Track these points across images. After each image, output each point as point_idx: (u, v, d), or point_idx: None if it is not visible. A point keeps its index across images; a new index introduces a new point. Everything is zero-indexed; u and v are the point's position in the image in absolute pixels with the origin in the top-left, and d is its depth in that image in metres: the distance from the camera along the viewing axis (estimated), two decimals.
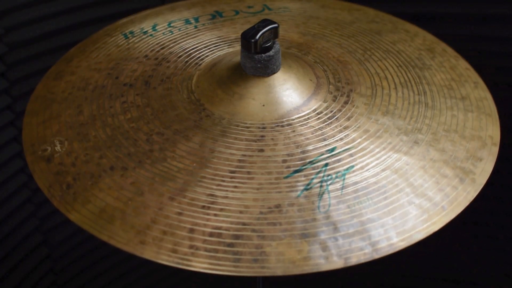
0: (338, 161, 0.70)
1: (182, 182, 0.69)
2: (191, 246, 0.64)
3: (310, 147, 0.72)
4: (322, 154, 0.71)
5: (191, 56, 0.85)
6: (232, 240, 0.64)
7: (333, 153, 0.71)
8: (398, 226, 0.67)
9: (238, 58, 0.78)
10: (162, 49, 0.87)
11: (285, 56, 0.79)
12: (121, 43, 0.89)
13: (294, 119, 0.74)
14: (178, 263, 0.64)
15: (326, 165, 0.70)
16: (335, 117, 0.75)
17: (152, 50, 0.87)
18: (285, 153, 0.71)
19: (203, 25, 0.91)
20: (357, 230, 0.66)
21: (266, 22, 0.74)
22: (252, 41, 0.73)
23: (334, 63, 0.83)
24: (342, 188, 0.68)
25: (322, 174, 0.69)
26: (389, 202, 0.68)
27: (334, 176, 0.69)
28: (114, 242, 0.66)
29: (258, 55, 0.75)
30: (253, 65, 0.76)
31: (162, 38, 0.89)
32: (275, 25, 0.74)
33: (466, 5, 1.20)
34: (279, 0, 0.99)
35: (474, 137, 0.77)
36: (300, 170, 0.69)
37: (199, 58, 0.84)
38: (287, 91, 0.76)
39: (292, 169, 0.69)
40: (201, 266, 0.63)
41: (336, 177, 0.69)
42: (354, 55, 0.86)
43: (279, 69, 0.77)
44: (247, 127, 0.73)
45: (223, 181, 0.68)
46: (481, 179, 0.73)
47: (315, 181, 0.69)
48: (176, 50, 0.86)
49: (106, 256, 1.41)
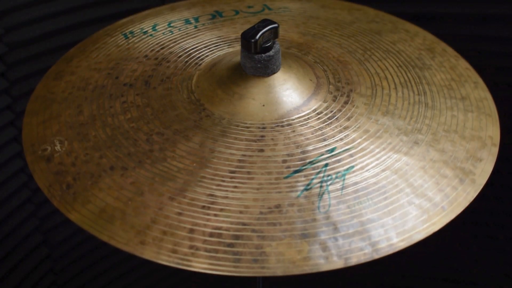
0: (338, 161, 0.70)
1: (182, 182, 0.69)
2: (191, 246, 0.64)
3: (310, 147, 0.71)
4: (322, 154, 0.71)
5: (191, 56, 0.85)
6: (232, 240, 0.64)
7: (333, 153, 0.71)
8: (398, 227, 0.67)
9: (238, 58, 0.78)
10: (162, 49, 0.87)
11: (285, 56, 0.79)
12: (121, 43, 0.89)
13: (294, 119, 0.74)
14: (178, 263, 0.64)
15: (326, 165, 0.70)
16: (335, 117, 0.75)
17: (152, 50, 0.87)
18: (285, 153, 0.71)
19: (203, 25, 0.91)
20: (357, 230, 0.66)
21: (266, 22, 0.74)
22: (252, 41, 0.73)
23: (334, 63, 0.83)
24: (342, 188, 0.68)
25: (322, 174, 0.69)
26: (389, 202, 0.68)
27: (334, 176, 0.69)
28: (114, 242, 0.66)
29: (258, 55, 0.75)
30: (253, 65, 0.76)
31: (162, 38, 0.89)
32: (275, 25, 0.74)
33: (466, 5, 1.20)
34: (279, 0, 0.99)
35: (474, 137, 0.77)
36: (300, 170, 0.69)
37: (199, 58, 0.84)
38: (287, 91, 0.76)
39: (292, 169, 0.69)
40: (201, 266, 0.63)
41: (336, 177, 0.69)
42: (354, 55, 0.86)
43: (279, 69, 0.77)
44: (247, 127, 0.73)
45: (223, 181, 0.68)
46: (481, 180, 0.73)
47: (315, 181, 0.68)
48: (176, 50, 0.86)
49: (106, 256, 1.41)
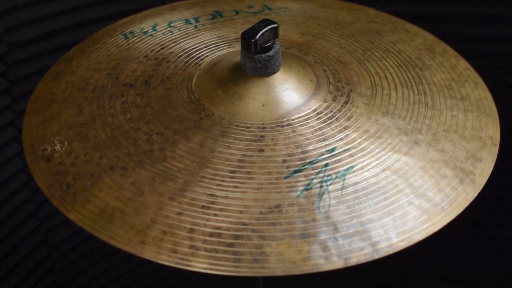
0: (338, 161, 0.70)
1: (182, 182, 0.69)
2: (191, 246, 0.64)
3: (310, 147, 0.71)
4: (322, 154, 0.71)
5: (191, 56, 0.85)
6: (232, 240, 0.64)
7: (333, 153, 0.71)
8: (398, 227, 0.67)
9: (238, 58, 0.78)
10: (162, 49, 0.87)
11: (285, 56, 0.79)
12: (121, 43, 0.89)
13: (294, 119, 0.74)
14: (178, 263, 0.64)
15: (326, 165, 0.70)
16: (335, 117, 0.75)
17: (152, 50, 0.87)
18: (285, 153, 0.71)
19: (203, 25, 0.91)
20: (357, 230, 0.66)
21: (266, 22, 0.74)
22: (252, 41, 0.73)
23: (334, 63, 0.83)
24: (342, 188, 0.68)
25: (322, 174, 0.69)
26: (389, 202, 0.68)
27: (334, 176, 0.69)
28: (114, 242, 0.66)
29: (258, 55, 0.75)
30: (253, 65, 0.76)
31: (162, 38, 0.89)
32: (275, 25, 0.74)
33: (466, 5, 1.20)
34: (279, 0, 0.99)
35: (474, 137, 0.77)
36: (300, 170, 0.69)
37: (199, 58, 0.84)
38: (287, 91, 0.76)
39: (292, 169, 0.69)
40: (201, 266, 0.63)
41: (336, 177, 0.69)
42: (354, 55, 0.86)
43: (279, 69, 0.77)
44: (247, 127, 0.73)
45: (223, 181, 0.68)
46: (481, 180, 0.72)
47: (315, 181, 0.68)
48: (176, 50, 0.86)
49: (106, 256, 1.41)
